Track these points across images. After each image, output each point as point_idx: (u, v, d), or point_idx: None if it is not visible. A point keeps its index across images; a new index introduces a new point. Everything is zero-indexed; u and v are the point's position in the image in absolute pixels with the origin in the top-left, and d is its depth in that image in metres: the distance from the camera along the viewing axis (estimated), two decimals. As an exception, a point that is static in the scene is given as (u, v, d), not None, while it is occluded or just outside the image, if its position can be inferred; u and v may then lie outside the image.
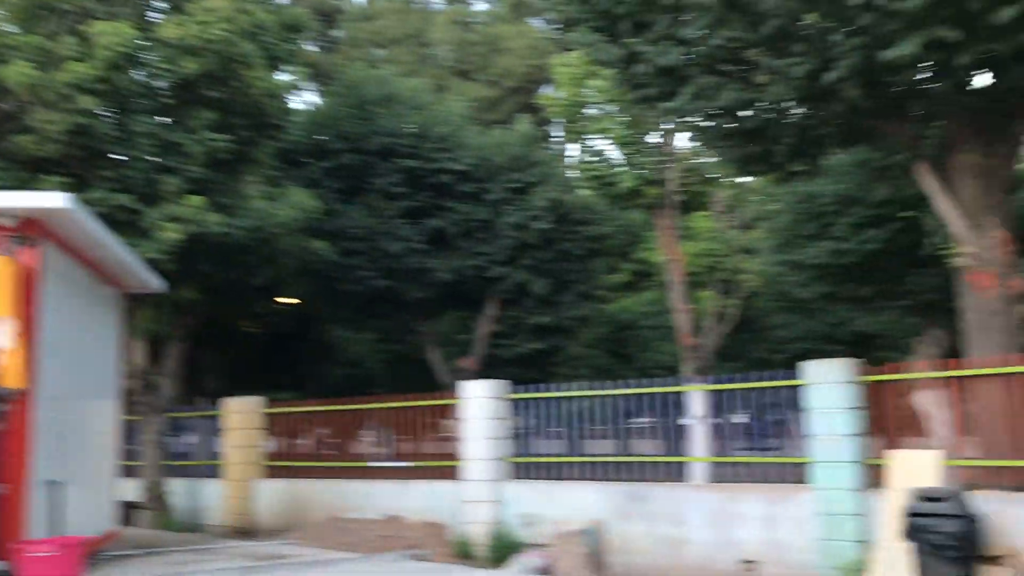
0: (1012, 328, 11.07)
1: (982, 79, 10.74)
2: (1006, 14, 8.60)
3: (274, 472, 15.34)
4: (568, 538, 11.03)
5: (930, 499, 8.36)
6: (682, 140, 23.76)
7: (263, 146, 15.90)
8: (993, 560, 8.28)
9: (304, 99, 35.49)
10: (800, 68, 10.10)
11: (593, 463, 12.07)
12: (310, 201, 16.53)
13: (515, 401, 12.91)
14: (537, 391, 12.78)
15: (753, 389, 11.04)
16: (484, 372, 20.88)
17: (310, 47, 38.62)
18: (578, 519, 11.41)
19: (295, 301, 21.40)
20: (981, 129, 11.23)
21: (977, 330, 11.15)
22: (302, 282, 19.62)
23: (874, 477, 9.59)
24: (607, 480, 11.74)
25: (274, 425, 15.72)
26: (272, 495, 15.12)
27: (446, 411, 13.46)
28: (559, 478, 12.25)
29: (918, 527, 8.29)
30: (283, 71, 16.84)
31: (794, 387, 10.34)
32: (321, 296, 21.11)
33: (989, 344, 10.80)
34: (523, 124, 24.68)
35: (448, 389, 14.58)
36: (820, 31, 9.96)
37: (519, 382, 13.21)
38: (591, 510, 11.50)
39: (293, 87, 17.51)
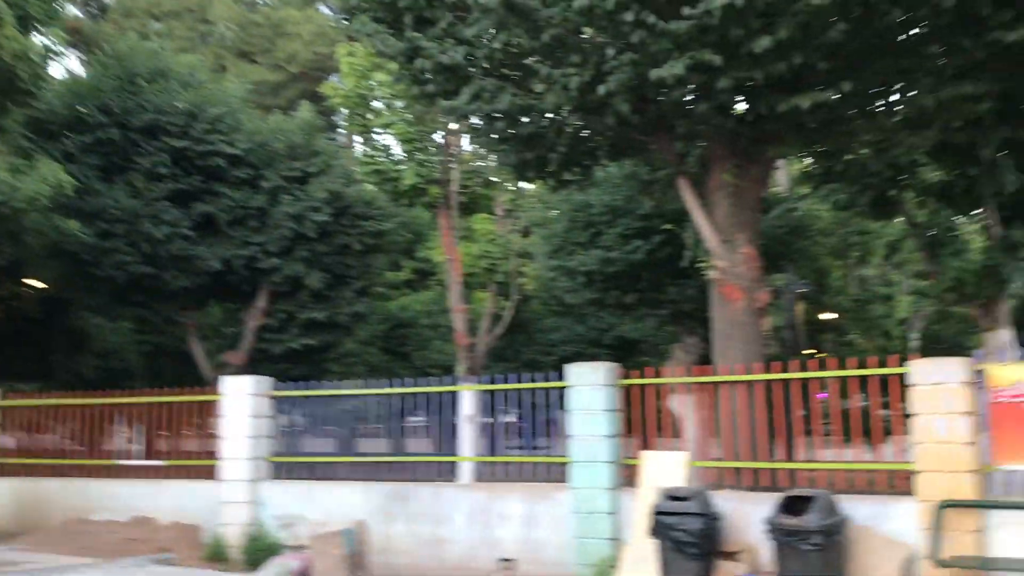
0: (756, 338, 11.93)
1: (741, 104, 11.49)
2: (762, 44, 9.26)
3: (7, 470, 14.02)
4: (327, 539, 10.75)
5: (675, 498, 8.78)
6: (466, 141, 24.01)
7: (10, 113, 14.59)
8: (730, 556, 8.82)
9: (64, 66, 32.99)
10: (575, 79, 10.38)
11: (361, 463, 11.84)
12: (63, 176, 15.24)
13: (280, 399, 12.46)
14: (304, 388, 12.40)
15: (522, 390, 11.21)
16: (252, 367, 20.09)
17: (75, 11, 35.85)
18: (341, 520, 11.15)
19: (42, 285, 19.68)
20: (737, 151, 12.02)
21: (725, 339, 11.94)
22: (51, 264, 18.13)
23: (629, 477, 9.96)
24: (374, 480, 11.55)
25: (10, 419, 14.38)
26: (4, 495, 13.79)
27: (206, 407, 12.81)
28: (325, 478, 11.92)
29: (664, 525, 8.67)
30: (39, 33, 15.46)
31: (560, 388, 10.59)
32: (73, 280, 19.53)
33: (735, 353, 11.58)
34: (305, 112, 23.98)
35: (211, 384, 13.88)
36: (595, 45, 10.29)
37: (290, 378, 12.78)
38: (354, 510, 11.27)
39: (50, 52, 16.04)
